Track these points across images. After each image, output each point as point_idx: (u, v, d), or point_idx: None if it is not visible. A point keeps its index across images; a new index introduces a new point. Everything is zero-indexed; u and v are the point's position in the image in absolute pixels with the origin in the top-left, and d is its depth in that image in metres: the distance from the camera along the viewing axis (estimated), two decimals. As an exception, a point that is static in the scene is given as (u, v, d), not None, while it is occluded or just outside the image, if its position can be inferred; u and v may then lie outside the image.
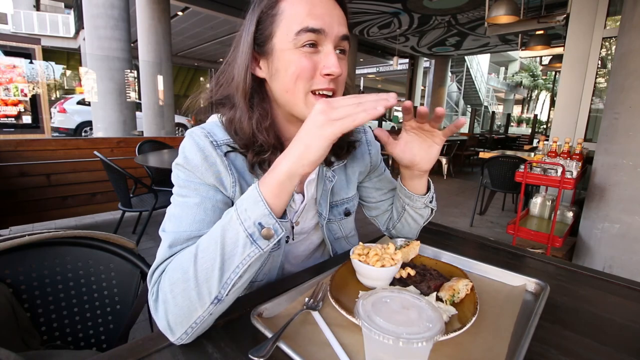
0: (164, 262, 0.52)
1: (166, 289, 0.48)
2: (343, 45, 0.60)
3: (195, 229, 0.54)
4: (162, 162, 2.43)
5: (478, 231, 3.62)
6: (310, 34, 0.55)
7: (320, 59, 0.57)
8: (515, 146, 9.18)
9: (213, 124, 0.64)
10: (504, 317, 0.54)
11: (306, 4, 0.56)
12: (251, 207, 0.47)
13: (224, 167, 0.59)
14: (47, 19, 14.53)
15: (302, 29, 0.55)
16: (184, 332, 0.46)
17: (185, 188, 0.58)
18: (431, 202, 0.77)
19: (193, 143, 0.59)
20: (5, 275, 0.70)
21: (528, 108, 28.96)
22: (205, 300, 0.46)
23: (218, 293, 0.46)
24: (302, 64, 0.56)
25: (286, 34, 0.56)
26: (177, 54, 15.38)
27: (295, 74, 0.56)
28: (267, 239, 0.47)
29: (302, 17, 0.55)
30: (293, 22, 0.55)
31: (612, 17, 2.82)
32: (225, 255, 0.47)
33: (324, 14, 0.56)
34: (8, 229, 2.75)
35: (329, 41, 0.57)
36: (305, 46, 0.56)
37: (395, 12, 7.47)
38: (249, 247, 0.46)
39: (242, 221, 0.47)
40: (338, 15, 0.58)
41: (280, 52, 0.57)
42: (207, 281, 0.46)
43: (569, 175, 1.99)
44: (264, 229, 0.47)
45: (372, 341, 0.37)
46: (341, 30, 0.58)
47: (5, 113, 3.26)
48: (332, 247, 0.80)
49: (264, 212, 0.47)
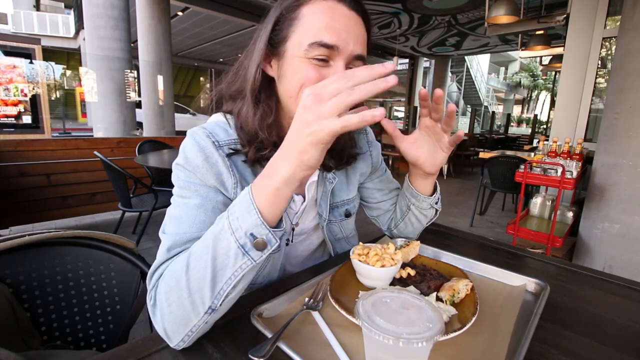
0: (162, 264, 0.51)
1: (162, 297, 0.47)
2: (355, 64, 0.57)
3: (196, 230, 0.53)
4: (162, 162, 2.43)
5: (478, 231, 3.62)
6: (323, 48, 0.53)
7: (328, 74, 0.55)
8: (515, 146, 9.19)
9: (214, 124, 0.64)
10: (504, 317, 0.54)
11: (326, 16, 0.54)
12: (243, 215, 0.44)
13: (226, 168, 0.58)
14: (47, 19, 14.53)
15: (316, 42, 0.53)
16: (180, 339, 0.46)
17: (185, 189, 0.57)
18: (437, 204, 0.77)
19: (194, 143, 0.58)
20: (5, 275, 0.70)
21: (528, 108, 28.95)
22: (199, 309, 0.45)
23: (211, 303, 0.45)
24: (308, 74, 0.54)
25: (299, 42, 0.55)
26: (177, 54, 15.37)
27: (300, 82, 0.55)
28: (260, 250, 0.44)
29: (318, 29, 0.53)
30: (309, 31, 0.54)
31: (612, 17, 2.82)
32: (217, 266, 0.44)
33: (341, 30, 0.54)
34: (8, 229, 2.75)
35: (341, 58, 0.55)
36: (316, 59, 0.54)
37: (395, 12, 7.47)
38: (241, 259, 0.44)
39: (234, 231, 0.44)
40: (357, 34, 0.56)
41: (291, 57, 0.56)
42: (199, 291, 0.45)
43: (569, 175, 1.99)
44: (257, 239, 0.44)
45: (372, 341, 0.37)
46: (356, 50, 0.55)
47: (5, 113, 3.26)
48: (332, 247, 0.79)
49: (256, 221, 0.44)
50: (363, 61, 0.57)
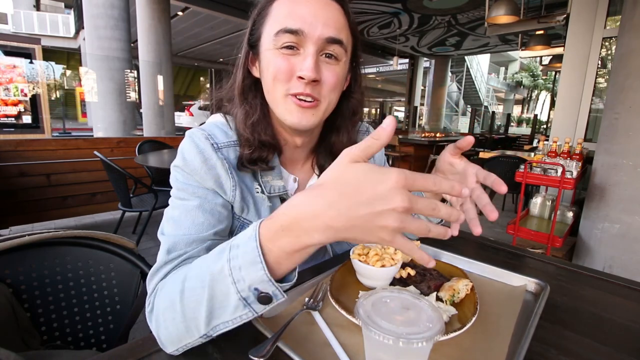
0: (163, 267, 0.50)
1: (159, 310, 0.45)
2: (331, 49, 0.55)
3: (194, 232, 0.53)
4: (162, 162, 2.43)
5: (478, 231, 3.61)
6: (289, 35, 0.53)
7: (297, 62, 0.54)
8: (515, 146, 9.17)
9: (213, 124, 0.63)
10: (504, 317, 0.54)
11: (289, 4, 0.54)
12: (247, 266, 0.38)
13: (224, 170, 0.58)
14: (47, 19, 14.53)
15: (280, 29, 0.53)
16: (175, 349, 0.44)
17: (183, 191, 0.56)
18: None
19: (193, 145, 0.57)
20: (5, 275, 0.70)
21: (528, 108, 28.96)
22: (193, 334, 0.42)
23: (206, 332, 0.42)
24: (277, 64, 0.54)
25: (268, 35, 0.55)
26: (177, 54, 15.37)
27: (272, 74, 0.55)
28: (264, 304, 0.40)
29: (282, 17, 0.54)
30: (275, 22, 0.55)
31: (612, 17, 2.82)
32: (214, 305, 0.40)
33: (306, 14, 0.53)
34: (8, 229, 2.75)
35: (310, 43, 0.53)
36: (284, 47, 0.54)
37: (395, 12, 7.47)
38: (242, 310, 0.40)
39: (235, 281, 0.38)
40: (326, 16, 0.54)
41: (264, 52, 0.57)
42: (194, 319, 0.41)
43: (569, 175, 1.99)
44: (262, 294, 0.39)
45: (372, 341, 0.37)
46: (326, 32, 0.54)
47: (5, 113, 3.27)
48: (332, 247, 0.79)
49: (262, 277, 0.38)
50: (340, 44, 0.55)
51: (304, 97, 0.55)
